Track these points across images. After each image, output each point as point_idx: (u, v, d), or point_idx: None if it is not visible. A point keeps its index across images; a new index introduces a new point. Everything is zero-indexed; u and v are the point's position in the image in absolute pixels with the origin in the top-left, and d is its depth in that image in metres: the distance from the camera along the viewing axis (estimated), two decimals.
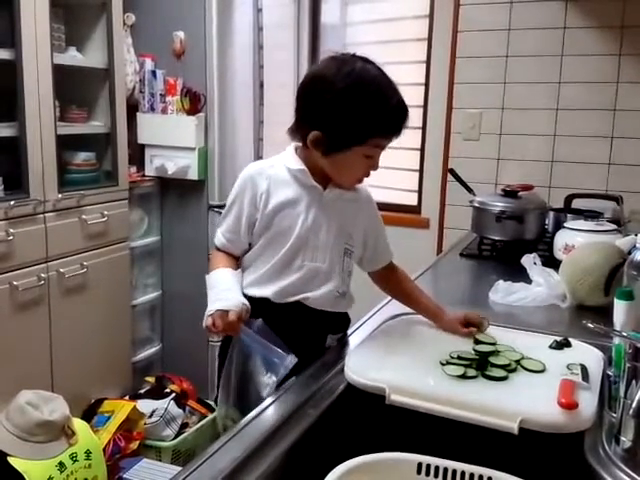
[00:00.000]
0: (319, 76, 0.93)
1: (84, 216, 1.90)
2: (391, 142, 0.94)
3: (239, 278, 0.99)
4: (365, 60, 0.93)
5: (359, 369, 0.85)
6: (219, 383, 0.98)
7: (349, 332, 1.07)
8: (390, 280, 1.09)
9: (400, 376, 0.83)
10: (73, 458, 1.45)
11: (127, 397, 2.06)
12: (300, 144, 0.97)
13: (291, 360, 0.89)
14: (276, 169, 0.99)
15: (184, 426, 2.01)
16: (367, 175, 0.97)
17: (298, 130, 0.95)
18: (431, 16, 2.25)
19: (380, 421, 0.84)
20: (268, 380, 0.89)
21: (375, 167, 0.96)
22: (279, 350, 0.90)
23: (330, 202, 0.98)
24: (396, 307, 1.11)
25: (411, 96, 2.32)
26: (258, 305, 0.96)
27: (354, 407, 0.85)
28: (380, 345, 0.96)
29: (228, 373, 0.94)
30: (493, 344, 0.94)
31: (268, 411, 0.79)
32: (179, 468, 0.80)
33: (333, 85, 0.89)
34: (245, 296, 0.95)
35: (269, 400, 0.82)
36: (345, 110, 0.88)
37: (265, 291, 0.97)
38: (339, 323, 1.05)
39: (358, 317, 1.12)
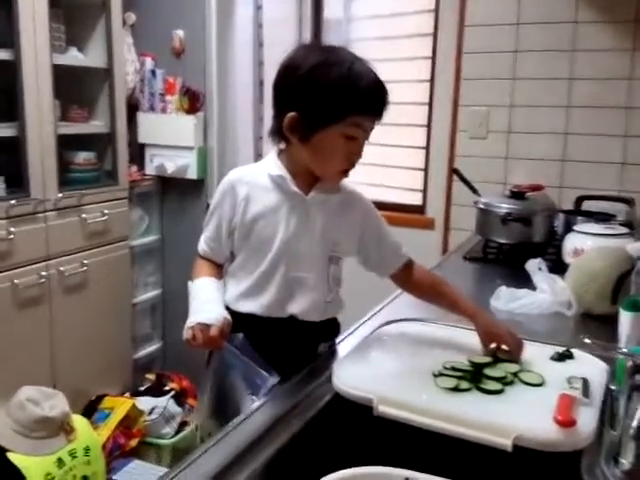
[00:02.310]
0: (290, 61, 0.90)
1: (84, 215, 1.91)
2: (373, 124, 0.89)
3: (221, 288, 0.96)
4: (336, 46, 0.91)
5: (347, 378, 0.82)
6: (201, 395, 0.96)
7: (340, 339, 1.03)
8: (408, 281, 1.02)
9: (389, 387, 0.80)
10: (72, 454, 1.44)
11: (127, 394, 2.07)
12: (282, 146, 0.94)
13: (272, 381, 0.86)
14: (257, 175, 0.95)
15: (183, 424, 2.01)
16: (351, 165, 0.91)
17: (277, 124, 0.91)
18: (436, 10, 2.20)
19: (368, 432, 0.81)
20: (248, 399, 0.85)
21: (358, 154, 0.90)
22: (261, 370, 0.87)
23: (313, 208, 0.93)
24: (391, 313, 1.07)
25: (416, 93, 2.33)
26: (245, 320, 0.94)
27: (341, 417, 0.82)
28: (371, 353, 0.92)
29: (205, 387, 0.92)
30: None
31: (252, 419, 0.76)
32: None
33: (303, 64, 0.86)
34: (230, 311, 0.92)
35: (253, 408, 0.79)
36: (317, 83, 0.85)
37: (251, 306, 0.94)
38: (329, 330, 1.02)
39: (351, 323, 1.08)
